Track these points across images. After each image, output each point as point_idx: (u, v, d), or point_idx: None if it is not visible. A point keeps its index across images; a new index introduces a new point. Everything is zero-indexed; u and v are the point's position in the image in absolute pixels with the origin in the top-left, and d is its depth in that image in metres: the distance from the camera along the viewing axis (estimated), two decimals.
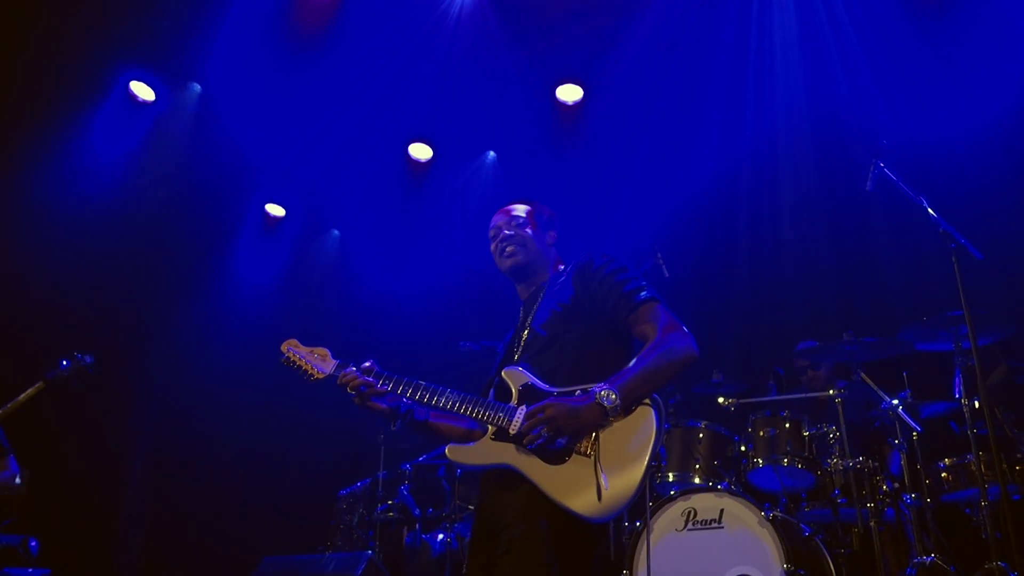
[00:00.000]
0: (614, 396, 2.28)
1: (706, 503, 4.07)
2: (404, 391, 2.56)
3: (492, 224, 2.90)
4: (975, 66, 5.61)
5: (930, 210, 3.98)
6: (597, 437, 2.32)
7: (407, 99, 6.69)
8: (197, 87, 6.68)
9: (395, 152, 7.38)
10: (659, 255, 4.97)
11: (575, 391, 2.41)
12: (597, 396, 2.29)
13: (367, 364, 2.62)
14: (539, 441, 2.31)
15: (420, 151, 7.40)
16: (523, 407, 2.42)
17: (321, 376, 2.67)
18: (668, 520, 4.09)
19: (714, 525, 4.02)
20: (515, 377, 2.54)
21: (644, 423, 2.34)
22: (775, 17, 6.13)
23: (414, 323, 7.06)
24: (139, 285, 6.71)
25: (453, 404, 2.50)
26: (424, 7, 6.24)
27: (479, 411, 2.47)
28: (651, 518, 4.13)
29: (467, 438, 2.66)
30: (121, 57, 6.29)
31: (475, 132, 7.15)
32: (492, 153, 7.52)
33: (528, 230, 2.84)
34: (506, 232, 2.84)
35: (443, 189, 7.45)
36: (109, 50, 6.18)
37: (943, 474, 4.37)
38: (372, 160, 7.32)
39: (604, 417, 2.30)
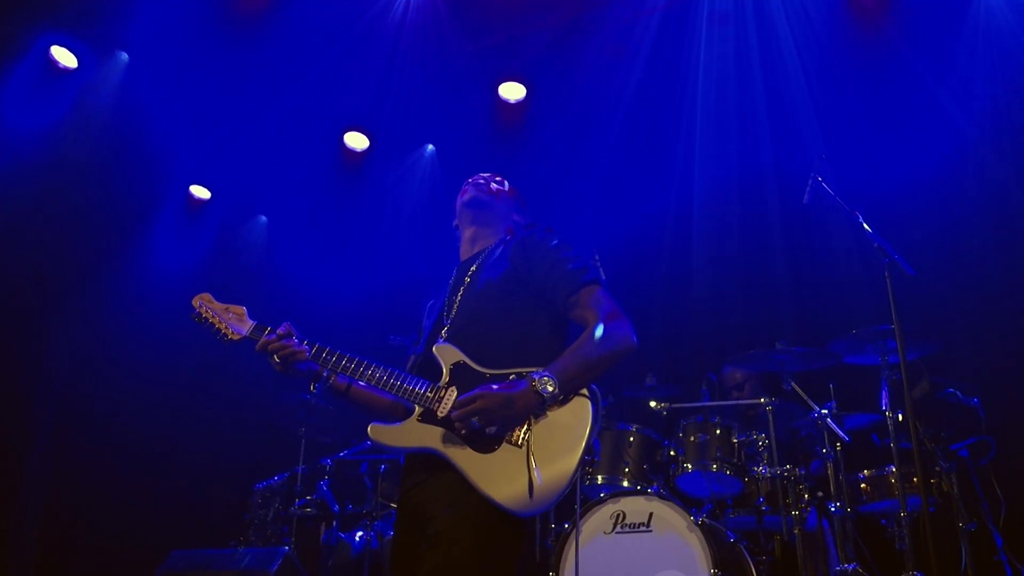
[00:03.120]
0: (552, 385, 2.18)
1: (635, 506, 4.07)
2: (327, 360, 2.41)
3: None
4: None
5: (864, 224, 4.08)
6: (531, 427, 2.21)
7: (347, 84, 6.49)
8: (124, 56, 6.32)
9: (330, 140, 7.16)
10: (596, 256, 4.96)
11: (510, 374, 2.29)
12: (534, 383, 2.18)
13: (284, 328, 2.47)
14: (471, 429, 2.20)
15: (356, 140, 7.20)
16: (454, 388, 2.31)
17: (237, 337, 2.49)
18: (597, 522, 4.07)
19: (643, 528, 4.01)
20: (447, 354, 2.40)
21: (580, 415, 2.23)
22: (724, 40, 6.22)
23: (343, 315, 6.85)
24: (46, 265, 6.28)
25: (379, 378, 2.36)
26: None
27: (406, 389, 2.33)
28: (580, 520, 4.09)
29: (392, 411, 2.53)
30: (42, 19, 5.89)
31: (416, 124, 6.95)
32: (431, 147, 7.36)
33: (495, 187, 2.82)
34: (479, 180, 2.82)
35: (379, 180, 7.23)
36: (30, 10, 5.79)
37: (862, 485, 4.46)
38: (305, 146, 7.08)
39: (540, 406, 2.20)
